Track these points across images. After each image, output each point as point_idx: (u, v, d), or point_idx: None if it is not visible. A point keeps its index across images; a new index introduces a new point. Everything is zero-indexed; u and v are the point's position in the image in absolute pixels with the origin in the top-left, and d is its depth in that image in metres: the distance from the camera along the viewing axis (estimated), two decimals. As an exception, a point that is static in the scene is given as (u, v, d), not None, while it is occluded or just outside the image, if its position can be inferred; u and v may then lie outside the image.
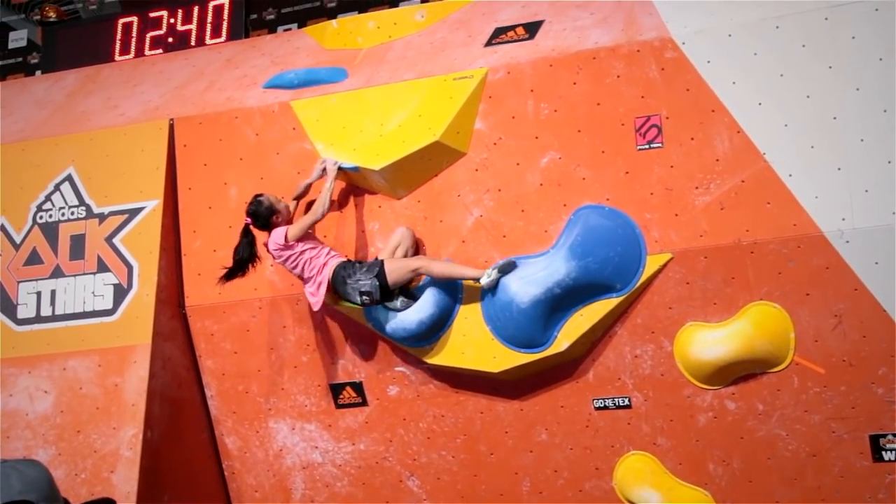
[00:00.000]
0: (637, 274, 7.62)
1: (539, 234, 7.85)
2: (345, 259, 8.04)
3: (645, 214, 7.65)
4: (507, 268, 7.79)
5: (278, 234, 8.03)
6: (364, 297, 7.89)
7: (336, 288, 8.00)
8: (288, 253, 8.03)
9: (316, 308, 8.09)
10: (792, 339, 7.41)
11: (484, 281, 7.78)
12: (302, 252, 8.02)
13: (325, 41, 9.02)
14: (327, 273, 7.98)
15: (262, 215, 8.14)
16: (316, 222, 8.04)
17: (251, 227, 8.18)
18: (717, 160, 7.53)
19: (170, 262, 8.70)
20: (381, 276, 7.85)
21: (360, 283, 7.89)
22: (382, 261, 7.88)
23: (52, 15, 11.11)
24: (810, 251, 7.30)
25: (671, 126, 7.65)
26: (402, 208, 8.19)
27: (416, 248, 8.11)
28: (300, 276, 8.11)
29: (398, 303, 7.98)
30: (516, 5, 8.60)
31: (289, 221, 8.18)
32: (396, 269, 7.88)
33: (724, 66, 7.59)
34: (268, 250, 8.16)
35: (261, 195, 8.19)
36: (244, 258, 8.12)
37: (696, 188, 7.56)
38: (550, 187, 7.86)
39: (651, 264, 7.60)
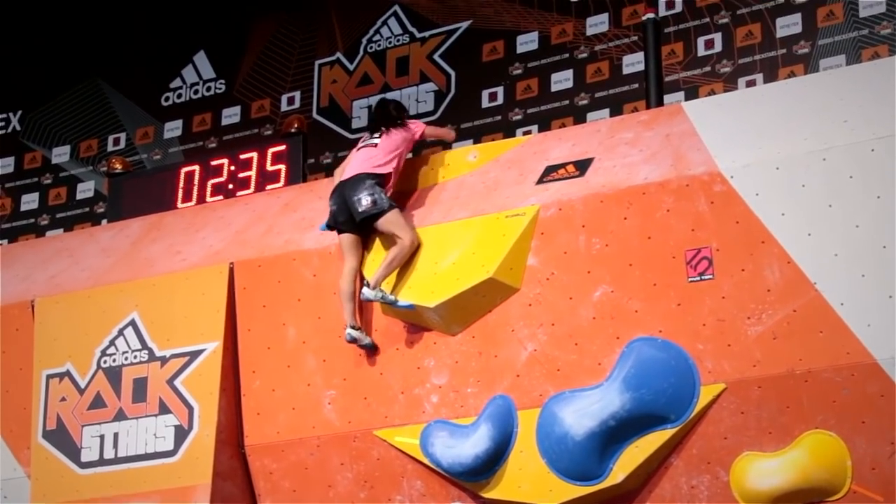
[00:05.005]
0: (691, 405, 7.61)
1: (593, 366, 7.89)
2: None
3: (698, 345, 7.67)
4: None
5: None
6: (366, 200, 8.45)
7: (342, 197, 8.56)
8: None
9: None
10: (849, 467, 7.33)
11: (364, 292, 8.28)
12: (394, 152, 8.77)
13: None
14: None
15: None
16: None
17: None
18: (769, 290, 7.57)
19: (229, 402, 8.80)
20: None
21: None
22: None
23: (119, 166, 11.44)
24: (864, 379, 7.28)
25: (722, 258, 7.71)
26: (456, 344, 8.27)
27: None
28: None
29: None
30: (566, 144, 8.77)
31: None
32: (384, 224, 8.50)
33: (773, 198, 7.67)
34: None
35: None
36: None
37: (749, 318, 7.59)
38: (603, 320, 7.93)
39: (705, 395, 7.60)
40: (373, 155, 8.74)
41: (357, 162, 8.76)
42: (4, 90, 15.85)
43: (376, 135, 8.87)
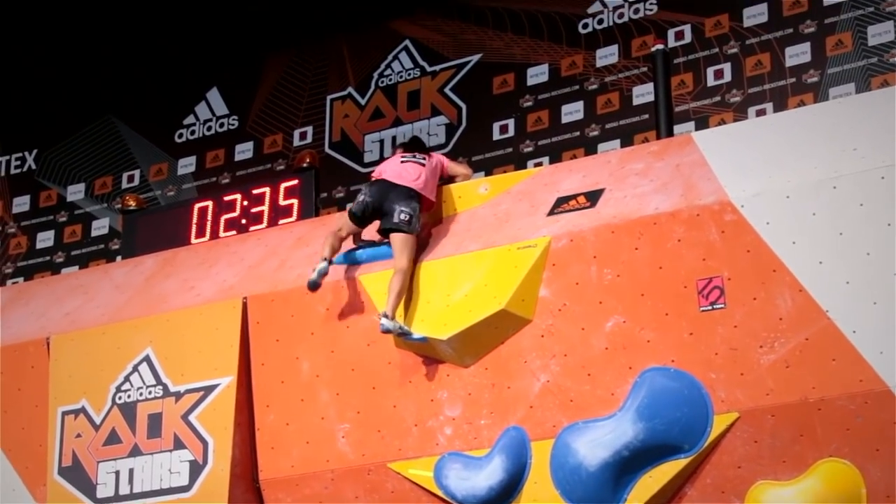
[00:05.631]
0: (704, 434, 7.61)
1: (606, 397, 7.90)
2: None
3: (710, 375, 7.68)
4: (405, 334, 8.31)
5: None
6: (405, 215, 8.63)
7: (384, 196, 8.70)
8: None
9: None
10: (863, 494, 7.31)
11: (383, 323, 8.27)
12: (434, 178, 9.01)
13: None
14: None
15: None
16: None
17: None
18: (781, 319, 7.57)
19: (244, 436, 8.82)
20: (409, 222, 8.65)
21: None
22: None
23: (132, 203, 11.50)
24: (878, 406, 7.27)
25: (733, 287, 7.72)
26: (469, 376, 8.29)
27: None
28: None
29: None
30: (577, 175, 8.80)
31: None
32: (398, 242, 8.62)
33: (784, 226, 7.69)
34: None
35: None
36: None
37: (761, 347, 7.59)
38: (616, 351, 7.94)
39: (718, 424, 7.60)
40: (420, 174, 8.87)
41: (407, 174, 8.86)
42: (20, 130, 15.98)
43: (419, 155, 9.03)
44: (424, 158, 9.02)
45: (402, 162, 8.98)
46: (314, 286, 8.59)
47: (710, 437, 7.60)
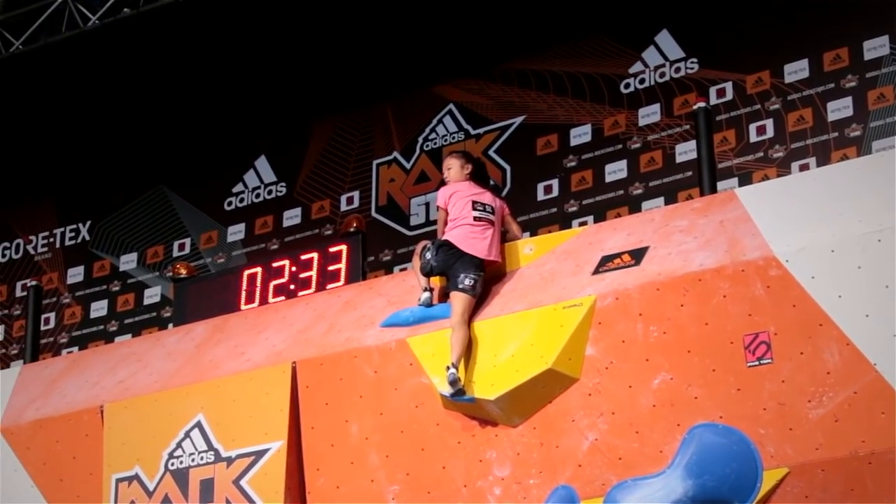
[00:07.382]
0: (754, 490, 7.57)
1: (654, 454, 7.88)
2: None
3: (759, 430, 7.65)
4: (459, 393, 8.36)
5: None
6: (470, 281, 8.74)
7: (449, 264, 8.83)
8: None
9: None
10: (916, 548, 7.28)
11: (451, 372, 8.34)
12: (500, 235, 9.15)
13: (439, 279, 9.31)
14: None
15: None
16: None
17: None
18: (828, 373, 7.55)
19: (294, 500, 8.84)
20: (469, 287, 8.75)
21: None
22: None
23: (183, 271, 11.63)
24: (929, 459, 7.24)
25: (780, 342, 7.71)
26: (517, 435, 8.30)
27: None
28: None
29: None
30: (621, 234, 8.84)
31: None
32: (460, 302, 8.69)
33: (829, 280, 7.68)
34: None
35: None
36: None
37: (809, 401, 7.57)
38: (663, 408, 7.93)
39: (768, 479, 7.56)
40: (489, 238, 8.94)
41: (475, 239, 8.90)
42: (74, 203, 16.23)
43: (489, 206, 9.09)
44: (493, 209, 9.10)
45: (475, 219, 9.02)
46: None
47: (761, 493, 7.56)
